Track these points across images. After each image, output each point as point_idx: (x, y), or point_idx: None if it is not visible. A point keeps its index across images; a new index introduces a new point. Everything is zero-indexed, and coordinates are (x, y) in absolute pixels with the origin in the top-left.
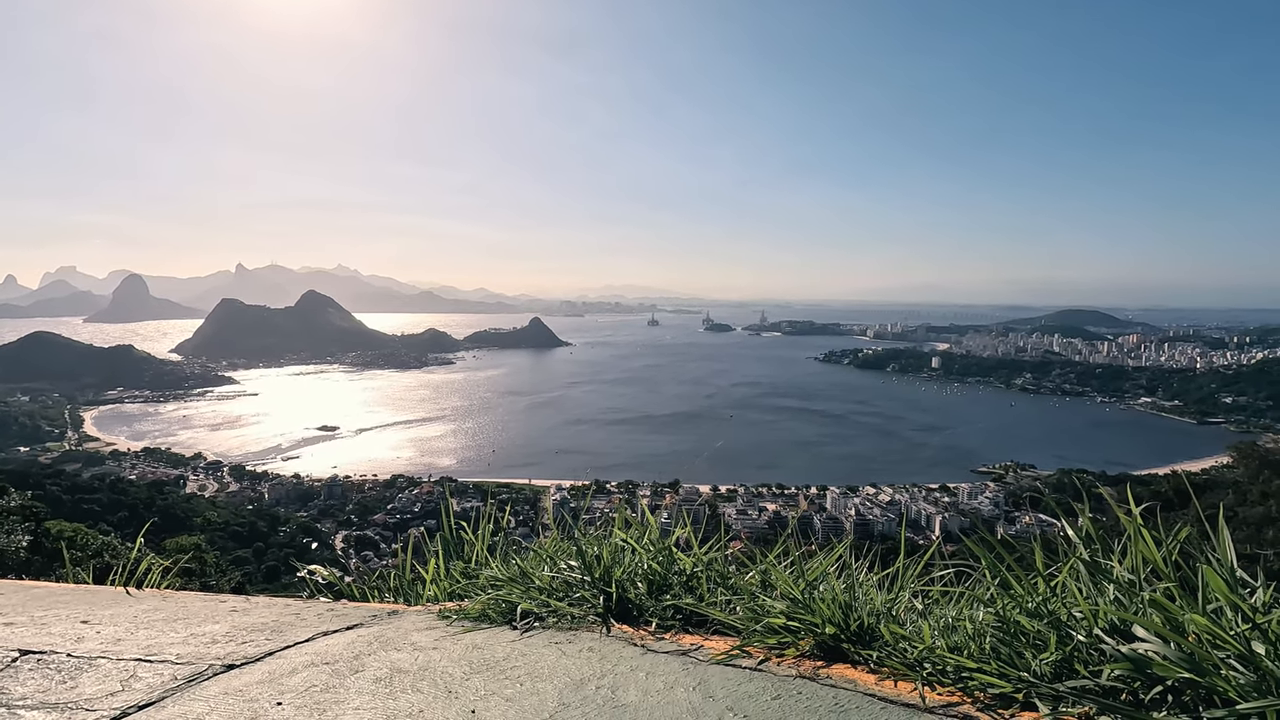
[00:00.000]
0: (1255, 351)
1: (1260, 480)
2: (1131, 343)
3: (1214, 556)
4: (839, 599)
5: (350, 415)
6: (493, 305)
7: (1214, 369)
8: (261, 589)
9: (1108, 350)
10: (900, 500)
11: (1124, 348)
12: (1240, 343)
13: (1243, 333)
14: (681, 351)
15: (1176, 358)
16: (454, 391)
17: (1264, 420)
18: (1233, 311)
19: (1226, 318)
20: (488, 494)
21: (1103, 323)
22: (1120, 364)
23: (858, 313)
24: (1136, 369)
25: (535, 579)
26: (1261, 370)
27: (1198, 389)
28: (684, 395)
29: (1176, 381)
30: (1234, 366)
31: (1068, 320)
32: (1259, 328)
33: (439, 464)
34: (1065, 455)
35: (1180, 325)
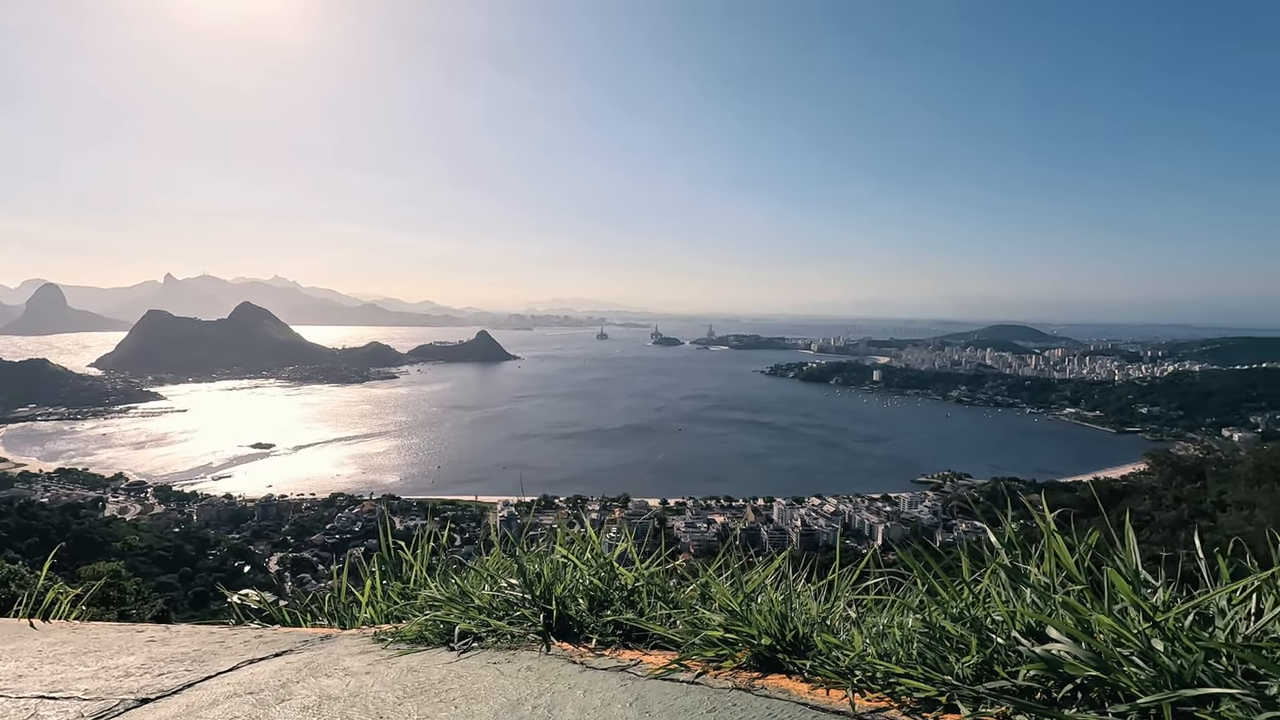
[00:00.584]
0: (1167, 365)
1: (1173, 485)
2: (1057, 356)
3: (1121, 559)
4: (775, 610)
5: (287, 432)
6: (438, 318)
7: (1131, 381)
8: (187, 616)
9: (1035, 364)
10: (844, 510)
11: (1050, 361)
12: (1154, 356)
13: (1156, 347)
14: (630, 365)
15: (1097, 370)
16: (397, 406)
17: (1175, 429)
18: (1147, 327)
19: (1141, 333)
20: (431, 511)
21: (1031, 337)
22: (1047, 377)
23: (803, 327)
24: (1061, 381)
25: (475, 598)
26: (1173, 382)
27: (1116, 400)
28: (633, 408)
29: (1097, 393)
30: (1148, 379)
31: (999, 335)
32: (1170, 342)
33: (381, 481)
34: (998, 464)
35: (1100, 340)
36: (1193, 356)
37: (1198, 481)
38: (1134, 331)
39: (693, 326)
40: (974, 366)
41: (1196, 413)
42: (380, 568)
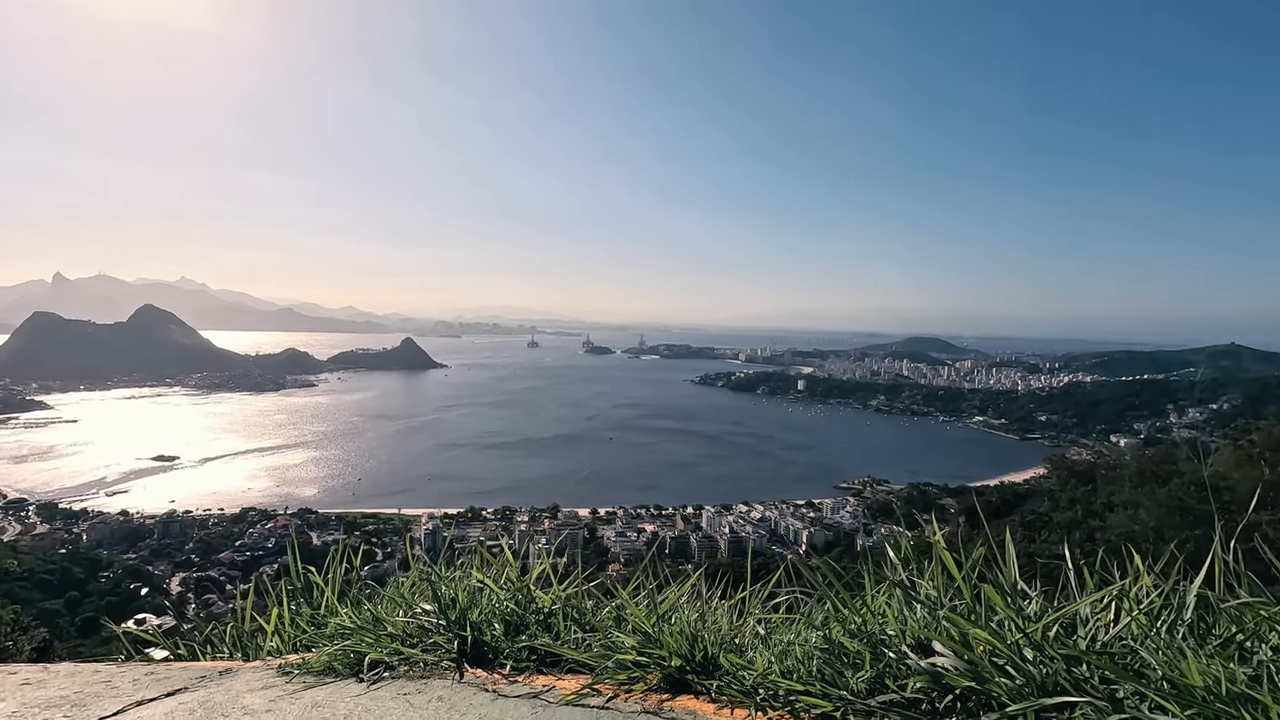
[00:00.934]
0: (1063, 376)
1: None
2: (967, 368)
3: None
4: (686, 631)
5: (193, 443)
6: (361, 324)
7: (1031, 391)
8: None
9: (948, 374)
10: (770, 516)
11: (961, 372)
12: (1051, 368)
13: (1053, 359)
14: (562, 374)
15: (1003, 381)
16: (316, 416)
17: (1070, 435)
18: (1046, 341)
19: (1042, 346)
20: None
21: (944, 349)
22: (958, 387)
23: (731, 337)
24: (971, 391)
25: (388, 625)
26: (1067, 392)
27: (1019, 408)
28: (564, 418)
29: (1003, 402)
30: (1047, 389)
31: (915, 346)
32: (1065, 355)
33: (298, 495)
34: (915, 469)
35: (1006, 352)
36: (1085, 368)
37: (1090, 484)
38: (1035, 345)
39: (624, 335)
40: (892, 377)
41: (1088, 420)
42: (288, 592)
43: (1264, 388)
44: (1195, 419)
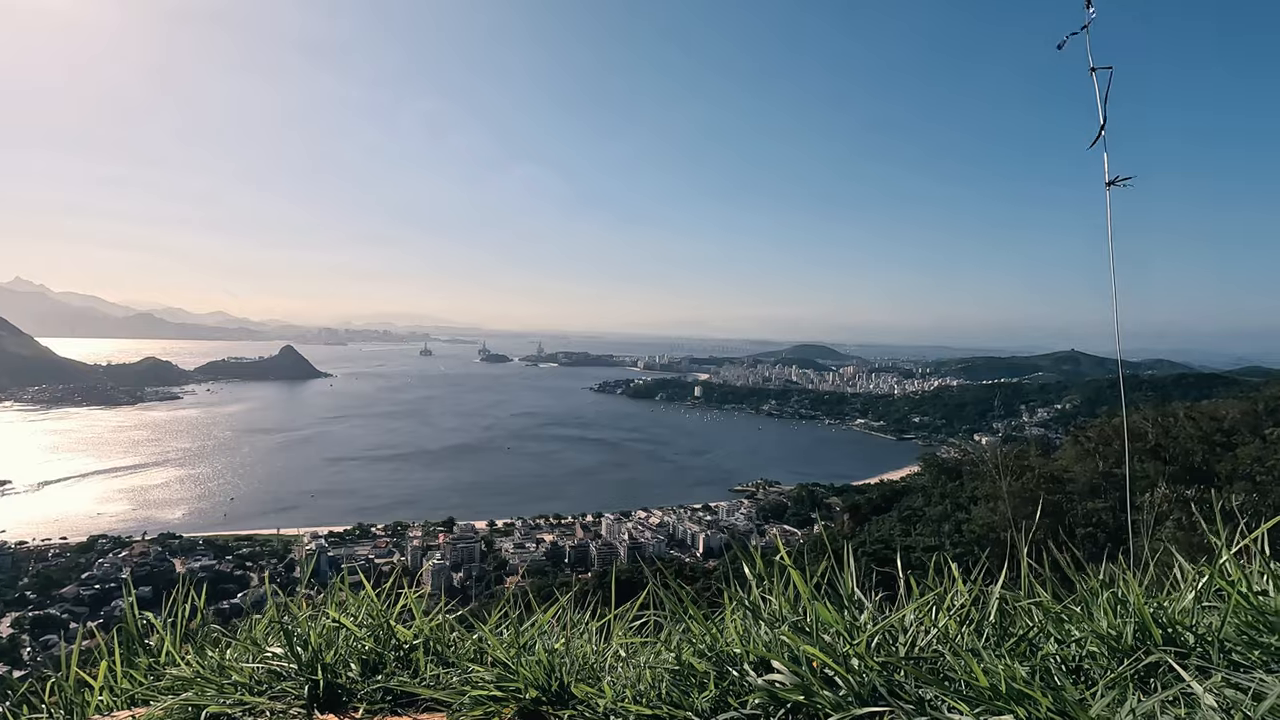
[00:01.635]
0: (934, 380)
1: (939, 484)
2: (850, 373)
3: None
4: (543, 661)
5: (28, 465)
6: (234, 331)
7: (907, 395)
8: None
9: (833, 380)
10: (669, 521)
11: (844, 378)
12: (924, 373)
13: (925, 365)
14: (458, 382)
15: (881, 386)
16: (181, 431)
17: (940, 435)
18: (918, 348)
19: (914, 353)
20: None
21: (829, 356)
22: (842, 391)
23: (630, 345)
24: (853, 395)
25: (234, 672)
26: (937, 395)
27: (896, 411)
28: (461, 427)
29: (882, 405)
30: (920, 393)
31: (802, 354)
32: (935, 361)
33: (159, 518)
34: (803, 471)
35: (884, 359)
36: (952, 373)
37: (957, 479)
38: (909, 352)
39: (522, 343)
40: (782, 383)
41: (955, 420)
42: (123, 640)
43: (1098, 390)
44: (1043, 418)
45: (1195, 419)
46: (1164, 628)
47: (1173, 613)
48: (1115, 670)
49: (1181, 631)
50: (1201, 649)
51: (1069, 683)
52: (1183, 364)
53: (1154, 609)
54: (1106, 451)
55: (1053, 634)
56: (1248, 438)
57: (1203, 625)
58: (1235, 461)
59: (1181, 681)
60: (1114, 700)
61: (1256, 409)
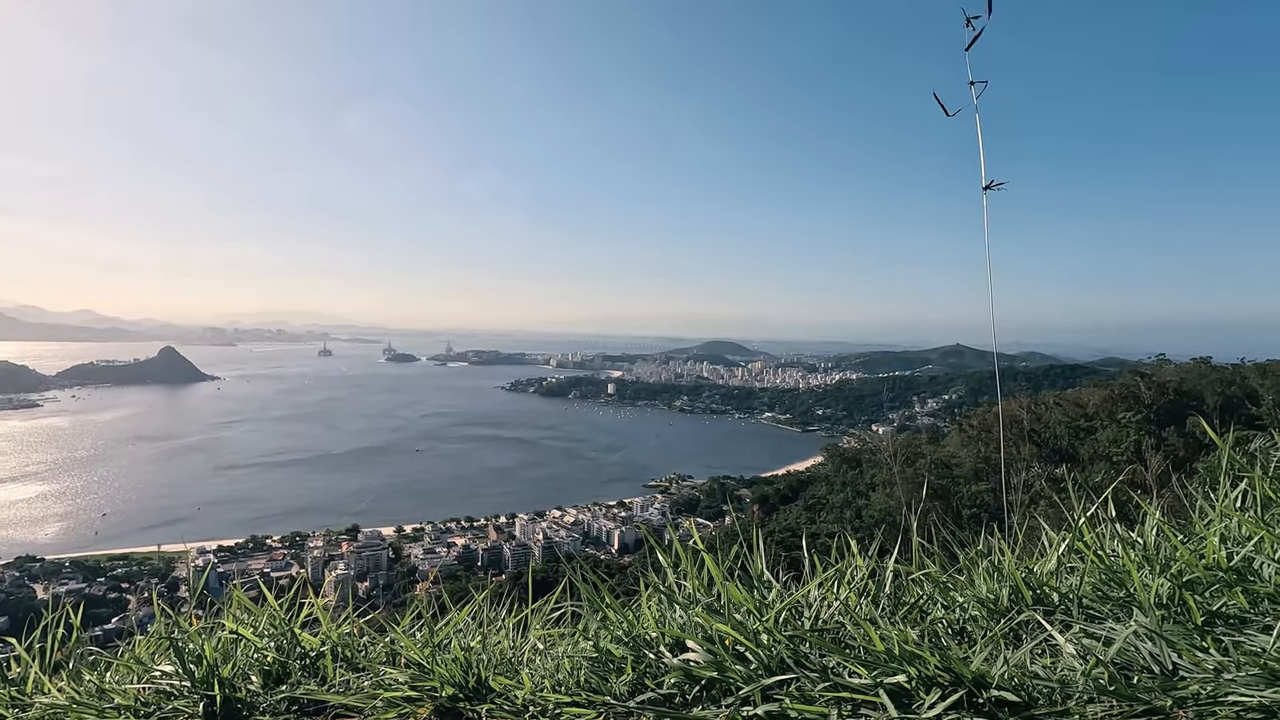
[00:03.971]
0: (835, 374)
1: (841, 472)
2: (757, 369)
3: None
4: (459, 658)
5: None
6: (103, 332)
7: (811, 389)
8: None
9: (741, 375)
10: (584, 519)
11: (752, 373)
12: (826, 368)
13: (827, 360)
14: (362, 383)
15: (787, 380)
16: (41, 442)
17: (842, 426)
18: (820, 343)
19: (817, 348)
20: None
21: (738, 352)
22: (750, 386)
23: (542, 343)
24: (761, 390)
25: (116, 696)
26: (839, 389)
27: (801, 404)
28: (367, 430)
29: (788, 399)
30: (823, 386)
31: (712, 350)
32: (836, 356)
33: (17, 539)
34: (715, 464)
35: (789, 354)
36: (851, 367)
37: (857, 468)
38: (812, 347)
39: (430, 342)
40: (694, 379)
41: (855, 412)
42: None
43: (980, 381)
44: (933, 408)
45: (1062, 406)
46: (1034, 589)
47: (1040, 575)
48: (993, 629)
49: (1048, 592)
50: (1064, 606)
51: (954, 644)
52: (1052, 356)
53: (1024, 574)
54: (988, 438)
55: (939, 601)
56: (1106, 422)
57: (1065, 585)
58: (1095, 444)
59: (1046, 634)
60: (990, 654)
61: (1113, 395)
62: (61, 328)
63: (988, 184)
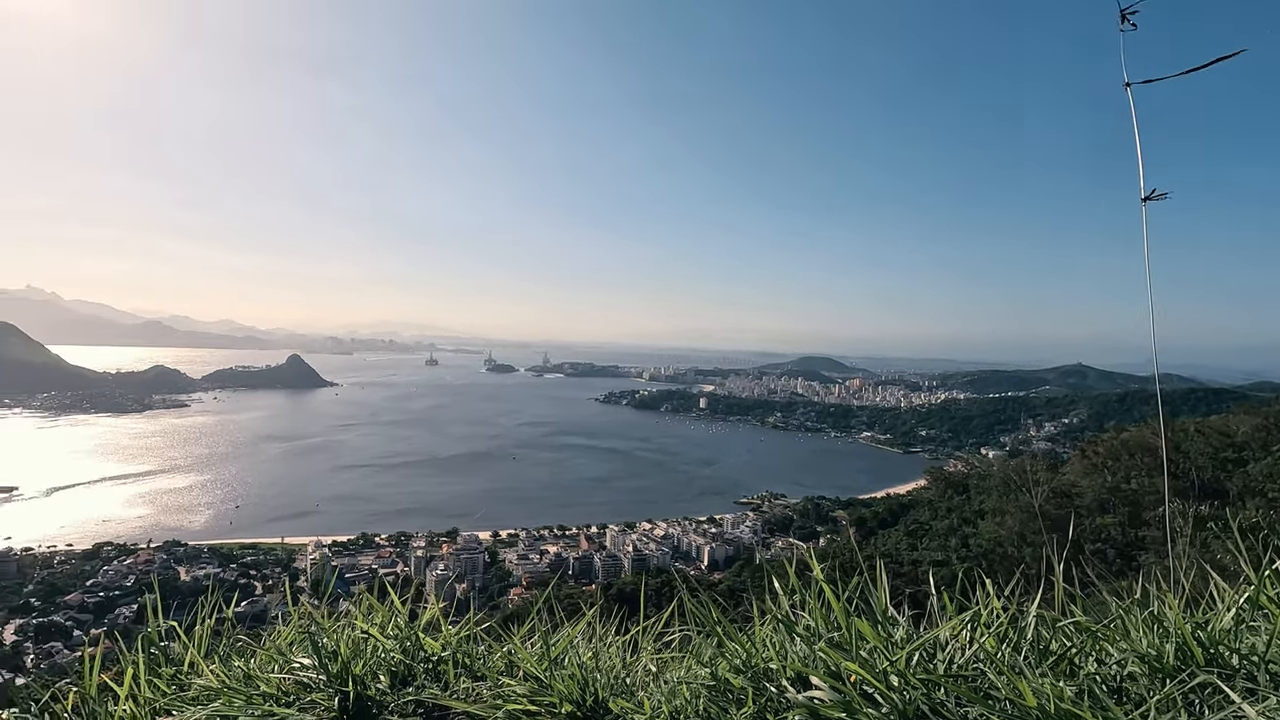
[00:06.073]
0: (940, 394)
1: (946, 497)
2: (856, 386)
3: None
4: (576, 676)
5: (37, 471)
6: (241, 340)
7: (913, 408)
8: None
9: (838, 392)
10: (673, 534)
11: (850, 390)
12: (930, 387)
13: (931, 379)
14: (464, 391)
15: (888, 398)
16: (189, 439)
17: (947, 449)
18: (924, 360)
19: (920, 365)
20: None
21: (834, 368)
22: (848, 404)
23: (635, 356)
24: (860, 408)
25: (262, 683)
26: (944, 409)
27: (903, 424)
28: (469, 436)
29: (888, 418)
30: (927, 406)
31: (807, 366)
32: (941, 374)
33: (165, 525)
34: (809, 483)
35: (889, 371)
36: (958, 386)
37: (964, 494)
38: (915, 364)
39: (527, 353)
40: (788, 395)
41: (962, 434)
42: (145, 647)
43: (1105, 404)
44: (1050, 432)
45: (1205, 434)
46: (1206, 648)
47: (1213, 633)
48: (1160, 691)
49: (1224, 652)
50: (1246, 670)
51: (1113, 704)
52: (1190, 378)
53: (1193, 628)
54: (1115, 466)
55: (1092, 654)
56: (1259, 454)
57: (1245, 646)
58: (1246, 478)
59: (1231, 704)
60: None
61: (1268, 423)
62: (207, 335)
63: (1148, 194)
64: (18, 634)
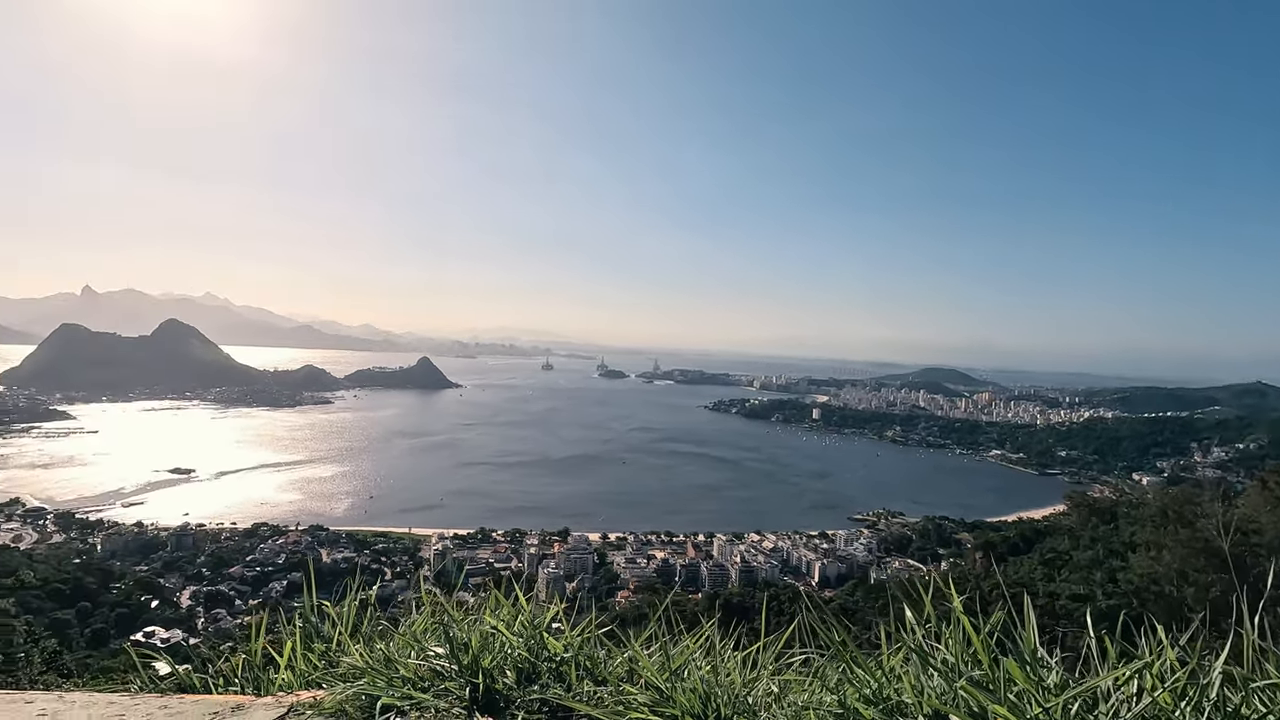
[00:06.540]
0: (1083, 411)
1: (1089, 526)
2: (984, 400)
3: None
4: (699, 689)
5: (210, 457)
6: (378, 342)
7: (1051, 426)
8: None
9: (965, 407)
10: (783, 547)
11: (978, 405)
12: (1071, 403)
13: (1073, 394)
14: (577, 396)
15: (1021, 415)
16: (332, 433)
17: (1091, 472)
18: (1064, 374)
19: (1059, 380)
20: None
21: (960, 381)
22: (975, 419)
23: (745, 364)
24: (989, 424)
25: (400, 666)
26: (1088, 428)
27: (1038, 443)
28: (581, 439)
29: (1021, 436)
30: (1066, 424)
31: (930, 377)
32: (1085, 390)
33: (310, 510)
34: (929, 502)
35: (1024, 385)
36: (1105, 404)
37: (1111, 523)
38: (1052, 379)
39: (638, 360)
40: (908, 408)
41: (1109, 456)
42: (302, 625)
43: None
44: (1221, 458)
45: None
46: None
47: None
48: None
49: None
50: None
51: None
52: None
53: None
54: None
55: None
56: None
57: None
58: None
59: None
60: None
61: None
62: (349, 338)
63: None
64: (191, 599)
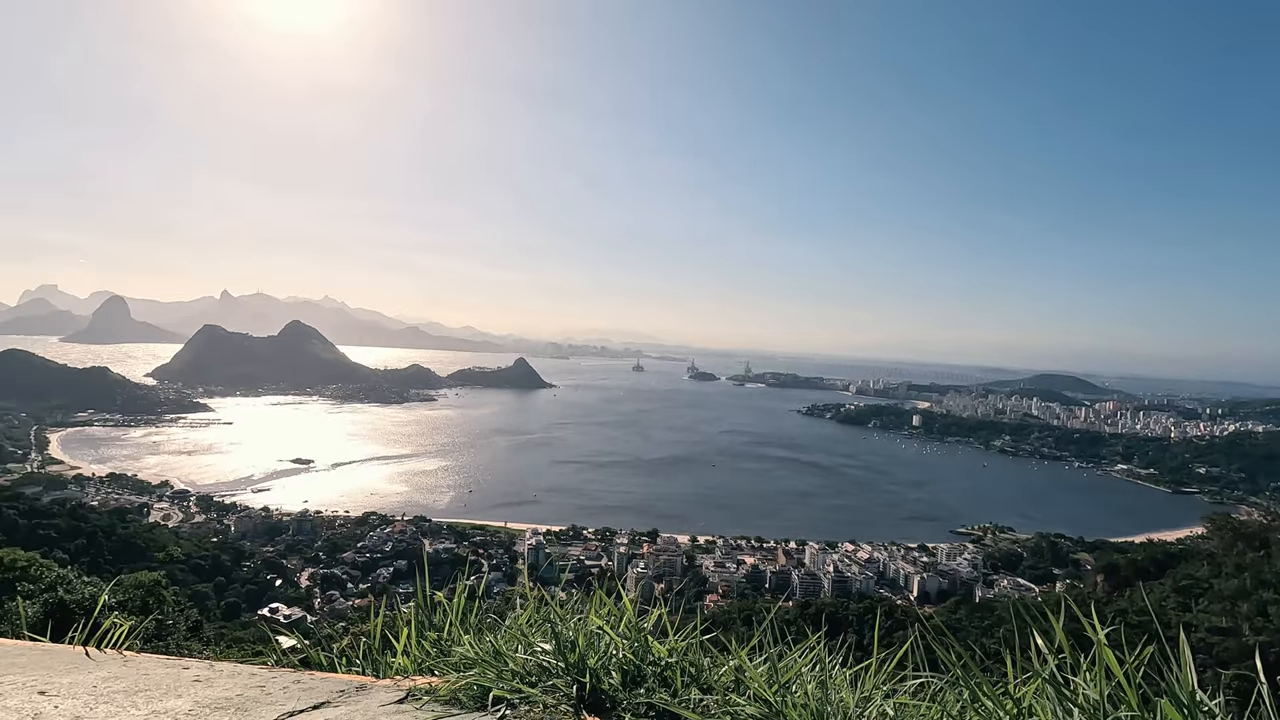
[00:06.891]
0: (1228, 424)
1: (1235, 553)
2: (1108, 410)
3: (1175, 677)
4: (811, 706)
5: (326, 449)
6: (478, 343)
7: (1188, 439)
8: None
9: (1085, 416)
10: (879, 558)
11: (1101, 414)
12: (1213, 414)
13: (1215, 405)
14: (667, 398)
15: (1152, 427)
16: (435, 429)
17: (1237, 492)
18: (1204, 383)
19: (1198, 389)
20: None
21: (1079, 388)
22: (1097, 430)
23: (840, 367)
24: (1113, 436)
25: (509, 660)
26: (1234, 443)
27: (1172, 458)
28: (672, 441)
29: (1152, 450)
30: (1207, 438)
31: (1045, 384)
32: (1230, 400)
33: (414, 502)
34: (1042, 518)
35: (1155, 395)
36: (1255, 416)
37: (1261, 550)
38: (1191, 387)
39: (729, 362)
40: (1019, 416)
41: (1259, 475)
42: (416, 613)
43: None
44: None
45: None
46: None
47: None
48: None
49: None
50: None
51: None
52: None
53: None
54: None
55: None
56: None
57: None
58: None
59: None
60: None
61: None
62: (452, 339)
63: None
64: (310, 580)
